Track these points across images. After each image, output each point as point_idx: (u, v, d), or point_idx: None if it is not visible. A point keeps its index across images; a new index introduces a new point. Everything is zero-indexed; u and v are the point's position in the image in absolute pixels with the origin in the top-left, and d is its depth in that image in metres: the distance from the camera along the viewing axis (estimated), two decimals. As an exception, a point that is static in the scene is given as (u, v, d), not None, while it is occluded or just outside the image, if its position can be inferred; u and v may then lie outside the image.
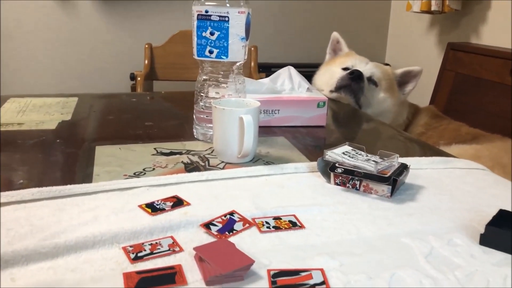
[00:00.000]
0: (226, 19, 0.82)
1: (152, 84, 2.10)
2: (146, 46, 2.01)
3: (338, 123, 1.20)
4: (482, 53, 1.93)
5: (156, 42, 2.07)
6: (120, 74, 2.44)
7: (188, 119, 0.94)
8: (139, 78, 1.86)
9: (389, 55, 2.92)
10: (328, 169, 0.69)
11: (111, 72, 2.47)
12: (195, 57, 0.86)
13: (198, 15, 0.83)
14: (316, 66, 1.62)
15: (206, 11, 0.82)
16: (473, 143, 1.39)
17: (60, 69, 2.44)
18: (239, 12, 0.83)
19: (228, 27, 0.82)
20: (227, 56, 0.84)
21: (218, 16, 0.82)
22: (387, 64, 2.77)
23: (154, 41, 2.08)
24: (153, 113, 1.16)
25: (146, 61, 1.99)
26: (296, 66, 2.63)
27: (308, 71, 2.23)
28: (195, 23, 0.84)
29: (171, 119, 1.09)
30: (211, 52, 0.84)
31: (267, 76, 2.13)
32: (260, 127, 0.82)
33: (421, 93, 2.06)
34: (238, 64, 0.88)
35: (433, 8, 2.13)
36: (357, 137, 1.08)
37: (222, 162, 0.79)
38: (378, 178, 0.65)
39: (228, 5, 0.82)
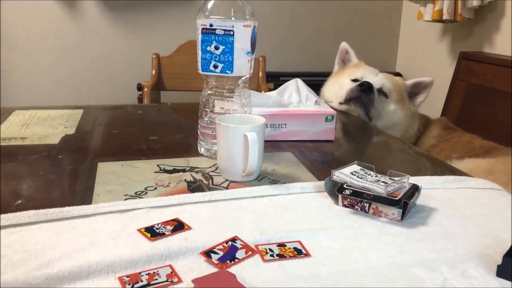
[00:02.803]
0: (231, 33, 0.80)
1: (160, 94, 2.10)
2: (154, 56, 2.00)
3: (347, 137, 1.18)
4: (495, 63, 1.90)
5: (164, 51, 2.06)
6: (127, 84, 2.43)
7: (194, 133, 0.92)
8: (146, 89, 1.85)
9: (400, 64, 2.88)
10: (336, 191, 0.66)
11: (118, 82, 2.46)
12: (200, 71, 0.85)
13: (202, 28, 0.81)
14: (325, 75, 1.60)
15: (211, 25, 0.81)
16: (486, 157, 1.36)
17: (66, 78, 2.44)
18: (244, 26, 0.81)
19: (233, 41, 0.81)
20: (232, 71, 0.83)
21: (223, 30, 0.80)
22: (398, 74, 2.75)
23: (161, 51, 2.07)
24: (158, 126, 1.14)
25: (154, 71, 1.98)
26: (305, 75, 2.65)
27: (317, 80, 2.21)
28: (200, 37, 0.82)
29: (176, 133, 1.07)
30: (215, 66, 0.83)
31: (275, 86, 2.12)
32: (266, 141, 0.80)
33: (432, 104, 2.03)
34: (243, 78, 0.86)
35: (444, 17, 2.10)
36: (367, 152, 1.05)
37: (226, 180, 0.77)
38: (388, 201, 0.62)
39: (233, 18, 0.81)
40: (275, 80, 2.52)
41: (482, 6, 2.14)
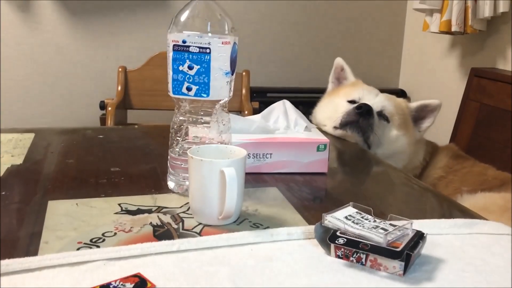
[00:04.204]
0: (208, 50, 0.80)
1: (126, 113, 2.09)
2: (120, 69, 2.00)
3: (342, 168, 1.17)
4: (511, 81, 1.93)
5: (132, 64, 2.06)
6: (88, 102, 2.41)
7: (163, 162, 0.91)
8: (110, 108, 1.84)
9: (403, 81, 2.92)
10: (328, 239, 0.65)
11: (78, 99, 2.43)
12: (171, 94, 0.84)
13: (174, 45, 0.81)
14: (317, 92, 1.61)
15: (184, 41, 0.80)
16: (502, 190, 1.37)
17: (15, 93, 2.40)
18: (223, 43, 0.81)
19: (209, 60, 0.80)
20: (208, 94, 0.82)
21: (197, 47, 0.80)
22: (401, 92, 2.78)
23: (129, 63, 2.07)
24: (123, 154, 1.13)
25: (119, 87, 1.98)
26: (295, 91, 2.67)
27: (308, 97, 2.23)
28: (171, 54, 0.82)
29: (143, 162, 1.06)
30: (189, 89, 0.82)
31: (261, 105, 2.13)
32: (248, 174, 0.79)
33: (440, 127, 2.04)
34: (222, 102, 0.85)
35: (453, 28, 2.13)
36: (364, 188, 1.05)
37: (200, 224, 0.76)
38: (388, 252, 0.61)
39: (210, 34, 0.80)
40: (260, 96, 2.53)
41: (495, 17, 2.18)
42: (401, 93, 2.76)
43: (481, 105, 2.00)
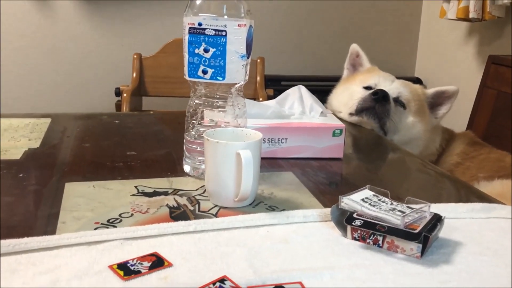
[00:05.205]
0: (224, 33, 0.80)
1: (141, 100, 2.09)
2: (135, 56, 2.00)
3: (358, 154, 1.17)
4: (530, 69, 1.90)
5: (147, 51, 2.06)
6: (103, 89, 2.42)
7: (179, 148, 0.91)
8: (125, 94, 1.85)
9: (419, 69, 2.89)
10: (344, 221, 0.65)
11: (93, 86, 2.45)
12: (186, 77, 0.84)
13: (190, 28, 0.81)
14: (332, 80, 1.59)
15: (200, 24, 0.80)
16: (519, 177, 1.35)
17: (32, 81, 2.42)
18: (238, 26, 0.80)
19: (225, 43, 0.80)
20: (224, 77, 0.82)
21: (213, 30, 0.80)
22: (417, 80, 2.75)
23: (144, 51, 2.07)
24: (138, 139, 1.13)
25: (134, 74, 1.98)
26: (309, 79, 2.66)
27: (323, 85, 2.21)
28: (187, 37, 0.82)
29: (158, 148, 1.06)
30: (205, 72, 0.82)
31: (275, 92, 2.12)
32: (263, 159, 0.79)
33: (456, 115, 2.02)
34: (237, 85, 0.85)
35: (471, 15, 2.10)
36: (380, 173, 1.04)
37: (216, 206, 0.76)
38: (406, 234, 0.61)
39: (226, 16, 0.80)
40: (275, 85, 2.53)
41: (515, 3, 2.15)
42: (416, 81, 2.73)
43: (499, 92, 1.98)
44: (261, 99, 1.98)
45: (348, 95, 1.40)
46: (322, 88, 1.74)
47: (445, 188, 0.97)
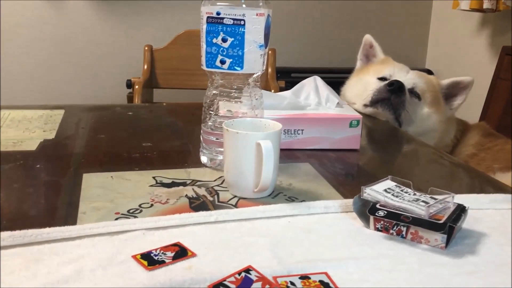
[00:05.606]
0: (242, 22, 0.79)
1: (152, 92, 2.09)
2: (146, 48, 2.00)
3: (373, 145, 1.16)
4: (544, 60, 1.88)
5: (158, 43, 2.05)
6: (115, 81, 2.42)
7: (194, 139, 0.91)
8: (137, 86, 1.84)
9: (430, 60, 2.87)
10: (367, 211, 0.64)
11: (105, 78, 2.45)
12: (204, 68, 0.83)
13: (208, 17, 0.80)
14: (344, 72, 1.58)
15: (218, 13, 0.79)
16: (535, 169, 1.34)
17: (44, 72, 2.43)
18: (257, 15, 0.79)
19: (244, 32, 0.79)
20: (242, 67, 0.81)
21: (232, 19, 0.79)
22: (429, 72, 2.73)
23: (155, 43, 2.06)
24: (152, 130, 1.13)
25: (146, 66, 1.97)
26: (320, 71, 2.64)
27: (335, 77, 2.20)
28: (204, 27, 0.81)
29: (174, 139, 1.05)
30: (223, 62, 0.81)
31: (287, 84, 2.11)
32: (280, 150, 0.78)
33: (469, 106, 2.00)
34: (255, 76, 0.84)
35: (485, 6, 2.08)
36: (397, 164, 1.03)
37: (235, 197, 0.75)
38: (430, 224, 0.60)
39: (244, 5, 0.79)
40: (285, 77, 2.51)
41: (529, -7, 2.13)
42: (428, 73, 2.70)
43: (513, 84, 1.96)
44: (272, 90, 1.98)
45: (362, 86, 1.39)
46: (333, 80, 1.73)
47: (464, 178, 0.96)
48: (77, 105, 1.34)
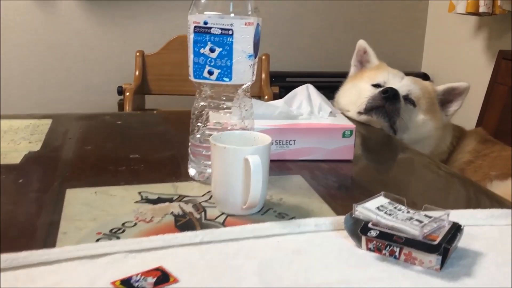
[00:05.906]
0: (230, 32, 0.77)
1: (144, 99, 2.06)
2: (138, 53, 1.97)
3: (368, 155, 1.14)
4: (541, 64, 1.86)
5: (150, 48, 2.03)
6: (105, 87, 2.39)
7: (184, 149, 0.88)
8: (128, 93, 1.82)
9: (426, 64, 2.85)
10: (359, 231, 0.62)
11: (95, 84, 2.42)
12: (192, 79, 0.81)
13: (195, 27, 0.78)
14: (337, 76, 1.56)
15: (205, 23, 0.77)
16: (533, 175, 1.32)
17: (32, 79, 2.39)
18: (246, 24, 0.77)
19: (232, 42, 0.77)
20: (230, 78, 0.79)
21: (220, 28, 0.77)
22: (425, 76, 2.71)
23: (147, 48, 2.04)
24: (142, 140, 1.10)
25: (137, 72, 1.95)
26: (315, 75, 2.63)
27: (329, 81, 2.18)
28: (192, 36, 0.79)
29: (163, 150, 1.03)
30: (210, 73, 0.79)
31: (281, 89, 2.09)
32: (271, 161, 0.76)
33: (466, 112, 1.99)
34: (244, 86, 0.82)
35: (481, 9, 2.07)
36: (392, 175, 1.01)
37: (223, 213, 0.73)
38: (425, 246, 0.58)
39: (232, 15, 0.77)
40: (280, 81, 2.49)
41: (525, -3, 2.11)
42: (424, 77, 2.69)
43: (510, 88, 1.94)
44: (266, 97, 1.95)
45: (356, 93, 1.37)
46: (327, 85, 1.71)
47: (461, 191, 0.94)
48: (65, 114, 1.32)
